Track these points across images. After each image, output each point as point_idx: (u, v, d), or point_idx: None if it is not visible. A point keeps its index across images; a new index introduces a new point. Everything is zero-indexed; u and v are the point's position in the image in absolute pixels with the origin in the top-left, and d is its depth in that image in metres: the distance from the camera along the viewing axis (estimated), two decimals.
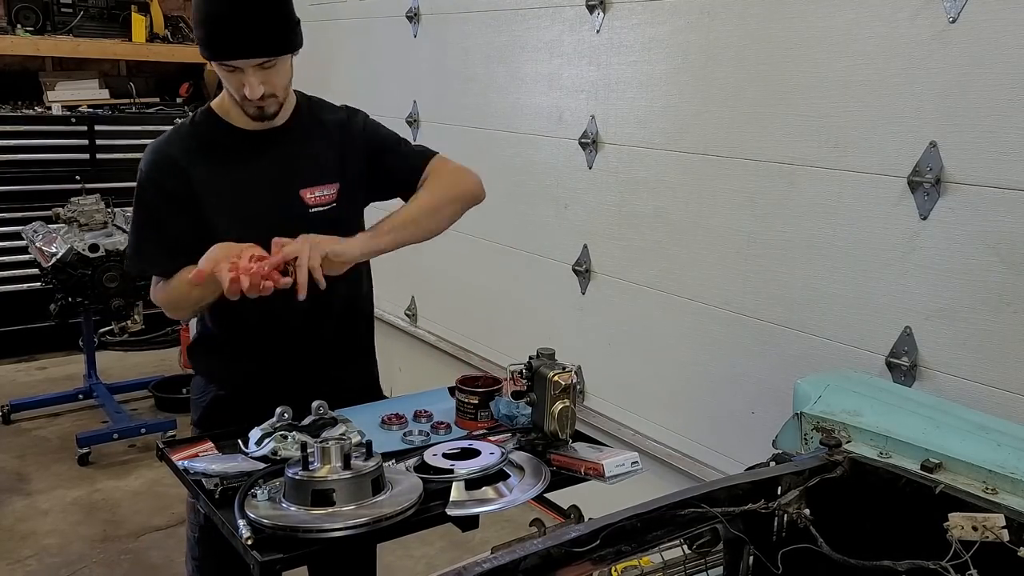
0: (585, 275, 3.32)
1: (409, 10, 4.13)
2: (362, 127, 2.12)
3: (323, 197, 2.02)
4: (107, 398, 4.44)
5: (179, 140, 2.00)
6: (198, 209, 1.96)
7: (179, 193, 1.96)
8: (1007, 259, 2.07)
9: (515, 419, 2.00)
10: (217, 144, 1.99)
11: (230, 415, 1.99)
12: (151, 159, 1.99)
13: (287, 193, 2.00)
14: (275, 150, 2.01)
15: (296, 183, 2.00)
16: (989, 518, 1.29)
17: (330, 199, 2.03)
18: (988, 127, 2.07)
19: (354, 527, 1.52)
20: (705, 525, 1.40)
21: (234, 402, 2.06)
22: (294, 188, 2.00)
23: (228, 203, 1.97)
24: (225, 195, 1.97)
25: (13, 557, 3.29)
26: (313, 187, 2.01)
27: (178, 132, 2.02)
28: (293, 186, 2.00)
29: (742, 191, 2.67)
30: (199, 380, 2.18)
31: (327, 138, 2.06)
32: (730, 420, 2.78)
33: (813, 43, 2.43)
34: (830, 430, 1.64)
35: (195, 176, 1.95)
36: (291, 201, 2.00)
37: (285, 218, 1.97)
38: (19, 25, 5.25)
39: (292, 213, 1.99)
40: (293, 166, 2.02)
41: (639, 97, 3.01)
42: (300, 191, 2.00)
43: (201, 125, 2.02)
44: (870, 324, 2.36)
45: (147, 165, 1.99)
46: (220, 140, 1.99)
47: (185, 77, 5.92)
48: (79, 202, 4.30)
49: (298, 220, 1.97)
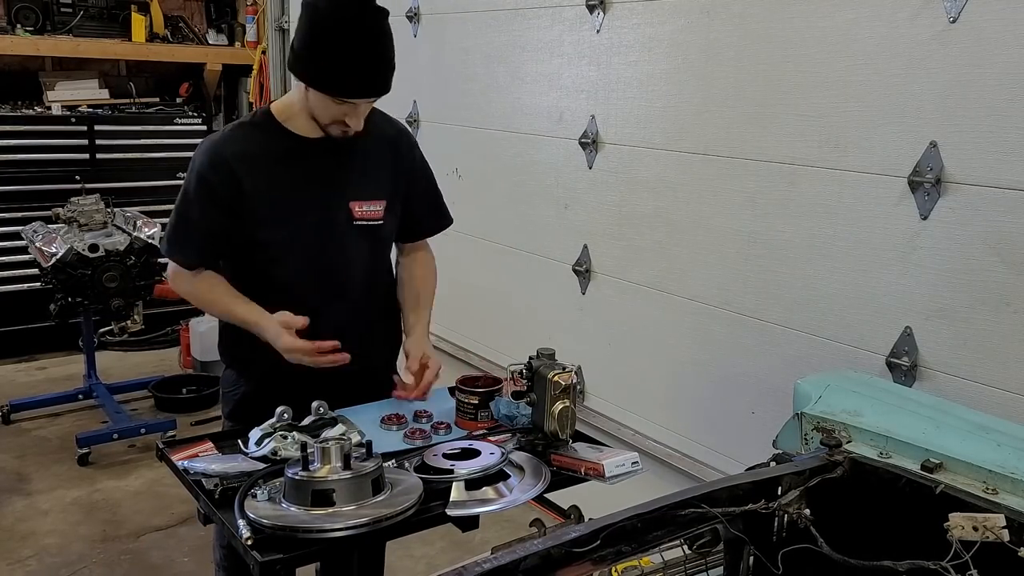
0: (585, 275, 3.32)
1: (409, 10, 4.13)
2: (414, 157, 2.21)
3: (371, 212, 2.09)
4: (107, 398, 4.44)
5: (236, 142, 2.04)
6: (244, 211, 2.01)
7: (225, 195, 2.00)
8: (1007, 259, 2.07)
9: (515, 419, 2.00)
10: (274, 149, 2.03)
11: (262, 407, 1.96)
12: (206, 157, 2.03)
13: (337, 203, 2.06)
14: (330, 159, 2.05)
15: (347, 194, 2.07)
16: (989, 518, 1.29)
17: (377, 215, 2.11)
18: (988, 127, 2.07)
19: (354, 527, 1.52)
20: (705, 525, 1.40)
21: (266, 394, 2.03)
22: (344, 199, 2.07)
23: (277, 207, 2.02)
24: (275, 200, 2.02)
25: (13, 557, 3.29)
26: (363, 201, 2.08)
27: (236, 133, 2.06)
28: (344, 197, 2.07)
29: (742, 191, 2.67)
30: (230, 373, 2.25)
31: (381, 155, 2.12)
32: (730, 420, 2.78)
33: (813, 43, 2.43)
34: (830, 430, 1.64)
35: (246, 180, 2.00)
36: (339, 211, 2.06)
37: (330, 227, 2.05)
38: (19, 25, 5.24)
39: (338, 222, 2.06)
40: (346, 178, 2.08)
41: (639, 97, 3.01)
42: (350, 203, 2.07)
43: (260, 128, 2.06)
44: (870, 324, 2.36)
45: (201, 162, 2.03)
46: (278, 145, 2.03)
47: (185, 77, 5.92)
48: (79, 202, 4.30)
49: (342, 230, 2.06)
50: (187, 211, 2.06)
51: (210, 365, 5.03)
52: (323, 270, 2.08)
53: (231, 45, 5.96)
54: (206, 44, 5.92)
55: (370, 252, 2.14)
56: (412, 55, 4.17)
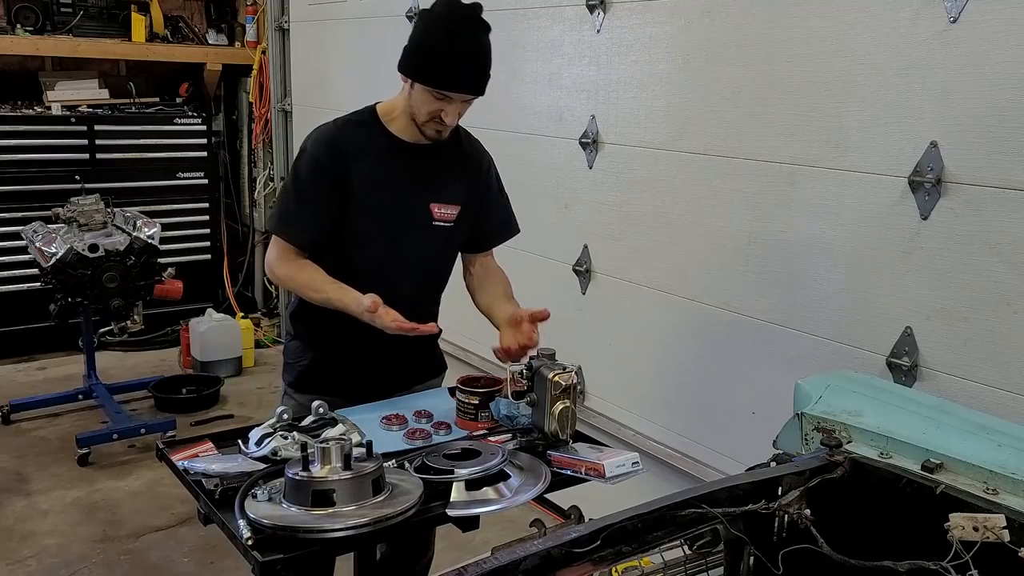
0: (585, 275, 3.32)
1: (409, 10, 4.13)
2: (491, 175, 2.40)
3: (447, 214, 2.26)
4: (107, 398, 4.43)
5: (346, 134, 2.21)
6: (348, 198, 2.17)
7: (339, 179, 2.16)
8: (1008, 259, 2.07)
9: (515, 419, 2.00)
10: (375, 145, 2.20)
11: (322, 377, 2.26)
12: (321, 142, 2.20)
13: (420, 203, 2.23)
14: (419, 162, 2.22)
15: (429, 195, 2.24)
16: (990, 518, 1.29)
17: (452, 217, 2.27)
18: (989, 127, 2.07)
19: (354, 527, 1.52)
20: (706, 525, 1.40)
21: (327, 367, 2.28)
22: (426, 200, 2.24)
23: (372, 200, 2.18)
24: (372, 192, 2.18)
25: (13, 557, 3.29)
26: (442, 204, 2.25)
27: (346, 126, 2.23)
28: (426, 198, 2.23)
29: (742, 191, 2.67)
30: (296, 344, 2.36)
31: (461, 165, 2.30)
32: (730, 420, 2.78)
33: (813, 43, 2.43)
34: (831, 430, 1.64)
35: (353, 169, 2.17)
36: (421, 211, 2.23)
37: (412, 224, 2.23)
38: (19, 25, 5.24)
39: (418, 221, 2.23)
40: (430, 180, 2.24)
41: (639, 97, 3.01)
42: (430, 204, 2.24)
43: (366, 126, 2.23)
44: (871, 324, 2.36)
45: (316, 146, 2.20)
46: (379, 142, 2.21)
47: (185, 77, 5.92)
48: (79, 202, 4.29)
49: (422, 228, 2.24)
50: (304, 193, 2.20)
51: (210, 365, 5.04)
52: (398, 261, 2.24)
53: (231, 45, 5.95)
54: (206, 44, 5.91)
55: (439, 250, 2.33)
56: None
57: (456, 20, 2.07)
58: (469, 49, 2.08)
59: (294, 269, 2.20)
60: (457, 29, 2.07)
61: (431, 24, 2.11)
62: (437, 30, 2.08)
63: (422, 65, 2.09)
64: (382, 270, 2.22)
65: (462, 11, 2.07)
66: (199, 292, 5.47)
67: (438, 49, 2.07)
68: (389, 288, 2.11)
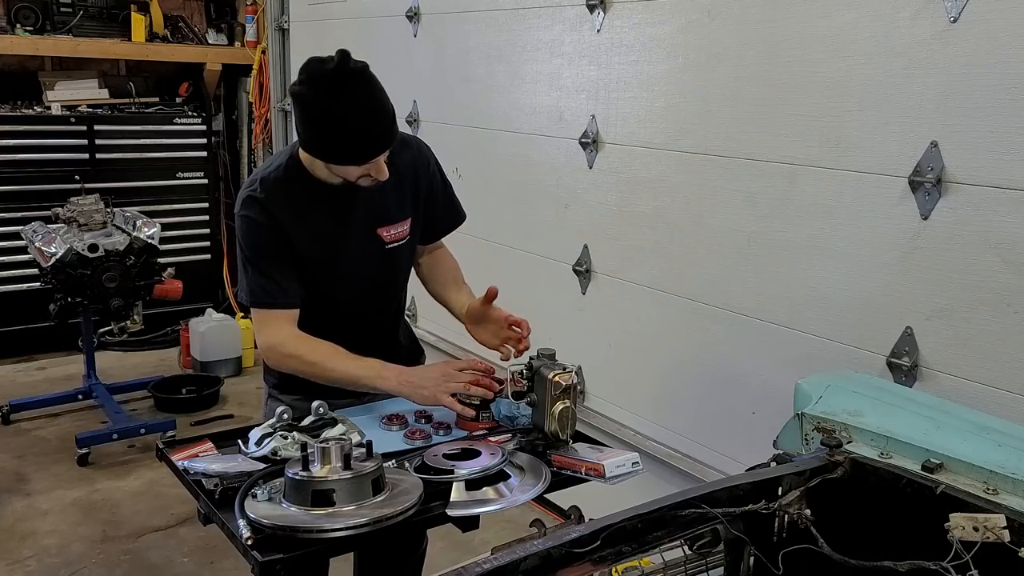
0: (585, 275, 3.31)
1: (409, 9, 4.13)
2: (430, 169, 2.29)
3: (398, 234, 2.20)
4: (106, 398, 4.43)
5: (274, 195, 2.08)
6: (297, 256, 2.10)
7: (280, 233, 2.07)
8: (1008, 259, 2.07)
9: (516, 420, 2.00)
10: (306, 197, 2.09)
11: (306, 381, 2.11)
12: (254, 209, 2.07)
13: (366, 234, 2.16)
14: (356, 198, 2.11)
15: (374, 223, 2.16)
16: (990, 518, 1.29)
17: (404, 234, 2.22)
18: (989, 127, 2.07)
19: (354, 527, 1.52)
20: (706, 526, 1.40)
21: None
22: (372, 228, 2.16)
23: (313, 247, 2.10)
24: (310, 240, 2.10)
25: (13, 557, 3.29)
26: (389, 226, 2.18)
27: (274, 186, 2.09)
28: (372, 226, 2.16)
29: (743, 191, 2.67)
30: None
31: (399, 181, 2.17)
32: (730, 420, 2.78)
33: (813, 43, 2.43)
34: (831, 430, 1.64)
35: (293, 230, 2.08)
36: (370, 240, 2.16)
37: (365, 258, 2.17)
38: (18, 25, 5.24)
39: (371, 252, 2.18)
40: (372, 209, 2.15)
41: (639, 97, 3.00)
42: (378, 230, 2.17)
43: (293, 181, 2.10)
44: (871, 324, 2.36)
45: (251, 211, 2.08)
46: (310, 194, 2.10)
47: (185, 77, 5.91)
48: (78, 202, 4.29)
49: (376, 257, 2.19)
50: (265, 258, 2.09)
51: (210, 365, 5.03)
52: (363, 296, 2.21)
53: (231, 45, 5.95)
54: (206, 44, 5.91)
55: (400, 269, 2.29)
56: (412, 55, 4.18)
57: (346, 89, 1.89)
58: (375, 111, 1.94)
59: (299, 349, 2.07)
60: (353, 98, 1.90)
61: (323, 104, 1.91)
62: (333, 110, 1.90)
63: (334, 150, 1.97)
64: (352, 311, 2.20)
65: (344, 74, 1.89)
66: (199, 292, 5.47)
67: (347, 129, 1.91)
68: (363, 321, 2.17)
